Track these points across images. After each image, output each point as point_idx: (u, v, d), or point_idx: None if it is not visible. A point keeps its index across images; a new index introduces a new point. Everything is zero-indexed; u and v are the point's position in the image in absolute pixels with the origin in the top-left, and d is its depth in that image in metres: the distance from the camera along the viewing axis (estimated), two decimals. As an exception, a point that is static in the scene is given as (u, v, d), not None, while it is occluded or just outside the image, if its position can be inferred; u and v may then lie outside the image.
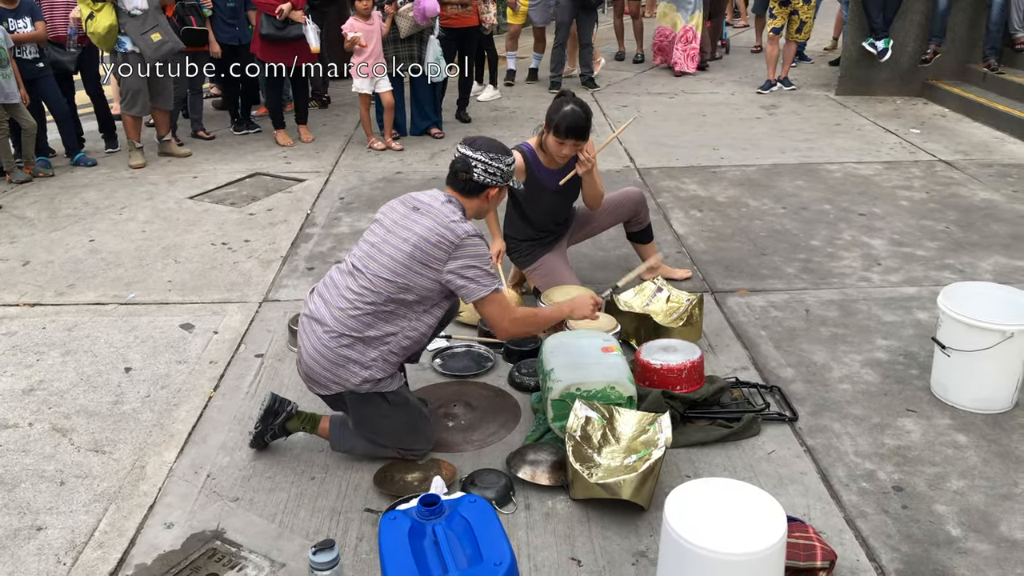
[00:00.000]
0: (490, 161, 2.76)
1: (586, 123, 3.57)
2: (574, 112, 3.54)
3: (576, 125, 3.54)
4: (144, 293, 4.24)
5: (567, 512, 2.63)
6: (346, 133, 7.30)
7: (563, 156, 3.66)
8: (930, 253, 4.57)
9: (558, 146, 3.60)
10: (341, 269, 2.80)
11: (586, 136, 3.61)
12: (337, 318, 2.68)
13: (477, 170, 2.76)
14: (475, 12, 7.11)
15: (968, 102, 7.47)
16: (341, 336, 2.66)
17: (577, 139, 3.58)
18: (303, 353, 2.75)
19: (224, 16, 6.85)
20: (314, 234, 5.02)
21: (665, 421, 2.68)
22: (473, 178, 2.77)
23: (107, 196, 5.73)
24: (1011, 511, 2.62)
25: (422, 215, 2.69)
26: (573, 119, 3.53)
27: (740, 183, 5.78)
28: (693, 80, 9.19)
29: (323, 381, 2.73)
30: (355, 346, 2.67)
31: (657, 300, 3.73)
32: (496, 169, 2.78)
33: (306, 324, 2.78)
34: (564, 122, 3.54)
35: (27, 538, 2.57)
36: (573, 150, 3.62)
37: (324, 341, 2.68)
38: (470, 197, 2.80)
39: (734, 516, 2.05)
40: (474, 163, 2.76)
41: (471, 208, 2.82)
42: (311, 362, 2.72)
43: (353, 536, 2.54)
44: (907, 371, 3.41)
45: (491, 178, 2.78)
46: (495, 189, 2.82)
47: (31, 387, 3.40)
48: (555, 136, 3.58)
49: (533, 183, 3.73)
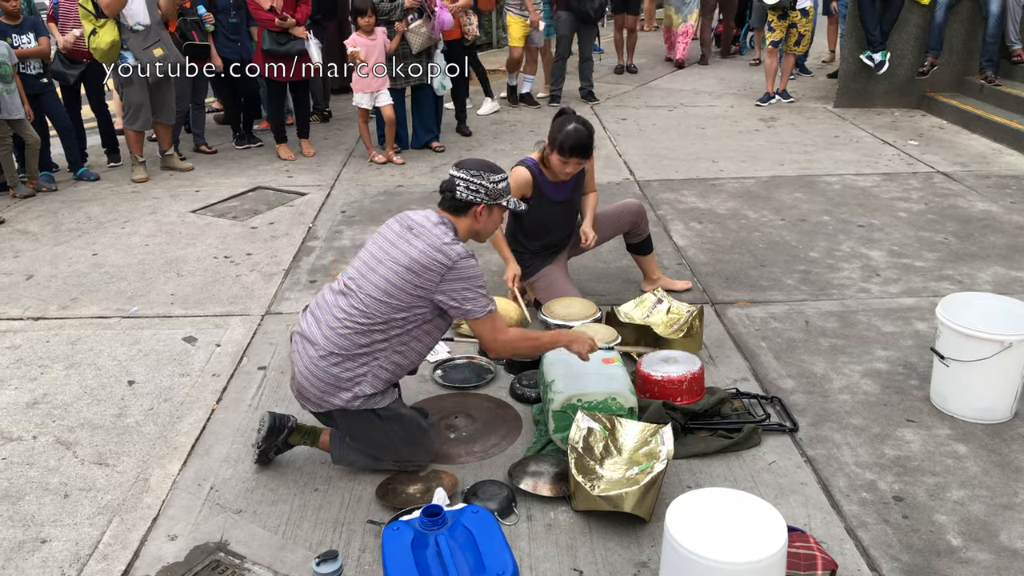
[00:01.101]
0: (471, 179, 2.78)
1: (589, 141, 3.63)
2: (577, 131, 3.60)
3: (580, 144, 3.60)
4: (147, 306, 4.26)
5: (569, 523, 2.64)
6: (347, 147, 7.34)
7: (565, 173, 3.72)
8: (929, 264, 4.60)
9: (561, 164, 3.67)
10: (333, 288, 2.82)
11: (589, 154, 3.68)
12: (328, 337, 2.70)
13: (460, 188, 2.78)
14: (457, 24, 7.14)
15: (966, 114, 7.51)
16: (330, 355, 2.69)
17: (580, 158, 3.64)
18: (295, 371, 2.79)
19: (226, 32, 6.90)
20: (316, 247, 5.05)
21: (667, 433, 2.70)
22: (456, 196, 2.79)
23: (110, 210, 5.76)
24: (1011, 521, 2.63)
25: (415, 236, 2.71)
26: (577, 138, 3.60)
27: (739, 195, 5.81)
28: (692, 93, 9.24)
29: (314, 399, 2.76)
30: (344, 363, 2.69)
31: (657, 312, 3.75)
32: (478, 186, 2.79)
33: (298, 342, 2.81)
34: (568, 141, 3.59)
35: (32, 550, 2.59)
36: (576, 168, 3.69)
37: (315, 360, 2.71)
38: (458, 216, 2.82)
39: (735, 526, 2.06)
40: (457, 182, 2.79)
41: (462, 228, 2.83)
42: (303, 380, 2.75)
43: (356, 547, 2.55)
44: (907, 381, 3.43)
45: (474, 195, 2.79)
46: (481, 207, 2.82)
47: (35, 400, 3.42)
48: (559, 155, 3.64)
49: (539, 197, 3.78)
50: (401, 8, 6.47)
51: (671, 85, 9.75)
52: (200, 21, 6.71)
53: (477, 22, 7.42)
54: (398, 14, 6.48)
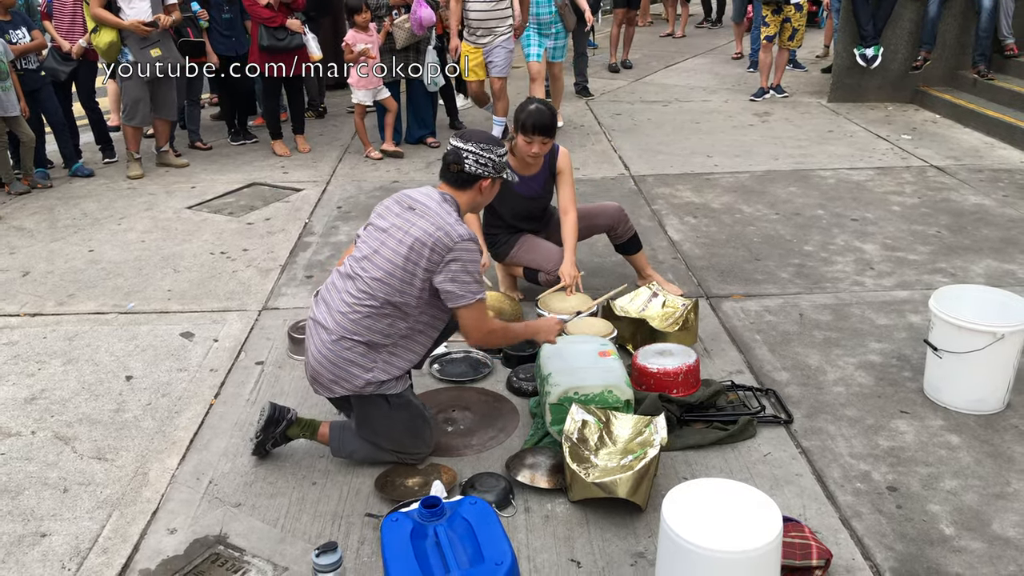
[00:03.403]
0: (481, 152, 2.79)
1: (551, 120, 3.74)
2: (539, 110, 3.71)
3: (541, 122, 3.70)
4: (144, 302, 4.27)
5: (566, 514, 2.66)
6: (343, 143, 7.34)
7: (532, 155, 3.78)
8: (922, 257, 4.63)
9: (527, 145, 3.74)
10: (341, 272, 2.83)
11: (552, 133, 3.75)
12: (339, 322, 2.71)
13: (468, 161, 2.78)
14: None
15: (959, 108, 7.54)
16: (342, 339, 2.70)
17: (544, 135, 3.72)
18: (309, 356, 2.80)
19: (220, 28, 6.90)
20: (312, 243, 5.06)
21: (660, 422, 2.72)
22: (465, 169, 2.79)
23: (106, 207, 5.76)
24: (1003, 510, 2.66)
25: (418, 216, 2.71)
26: (538, 116, 3.70)
27: (734, 190, 5.83)
28: (686, 88, 9.26)
29: (327, 383, 2.76)
30: (357, 348, 2.70)
31: (653, 305, 3.77)
32: (488, 160, 2.80)
33: (312, 328, 2.82)
34: (530, 120, 3.69)
35: (32, 544, 2.60)
36: (541, 148, 3.76)
37: (328, 344, 2.72)
38: (463, 189, 2.82)
39: (731, 515, 2.08)
40: (465, 154, 2.78)
41: (464, 201, 2.84)
42: (316, 365, 2.76)
43: (355, 540, 2.57)
44: (900, 373, 3.46)
45: (483, 168, 2.80)
46: (487, 180, 2.84)
47: (33, 396, 3.43)
48: (523, 135, 3.73)
49: (507, 191, 3.79)
50: (387, 5, 6.51)
51: (666, 80, 9.77)
52: (194, 18, 6.71)
53: None
54: (385, 10, 6.52)
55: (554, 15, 6.93)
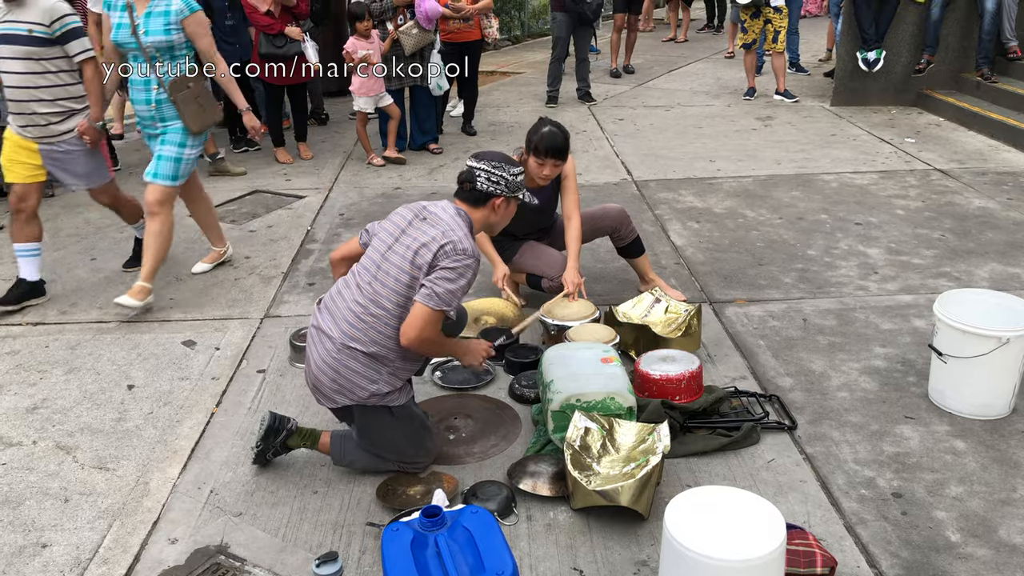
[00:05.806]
0: (492, 170, 2.83)
1: (564, 143, 3.72)
2: (552, 133, 3.70)
3: (554, 145, 3.69)
4: (146, 311, 4.26)
5: (568, 523, 2.64)
6: (345, 150, 7.35)
7: (543, 177, 3.77)
8: (926, 261, 4.60)
9: (538, 167, 3.73)
10: (347, 281, 2.82)
11: (565, 156, 3.75)
12: (344, 331, 2.70)
13: (480, 179, 2.82)
14: (477, 26, 7.20)
15: (962, 111, 7.52)
16: (346, 348, 2.69)
17: (556, 159, 3.71)
18: (311, 364, 2.77)
19: (223, 34, 6.90)
20: (315, 250, 5.05)
21: (664, 430, 2.70)
22: (476, 187, 2.82)
23: (108, 215, 5.74)
24: (1010, 516, 2.63)
25: (429, 225, 2.72)
26: (551, 140, 3.69)
27: (737, 194, 5.82)
28: (689, 93, 9.25)
29: (329, 393, 2.75)
30: (361, 359, 2.69)
31: (655, 311, 3.75)
32: (499, 178, 2.83)
33: (314, 336, 2.80)
34: (543, 143, 3.68)
35: (32, 555, 2.59)
36: (553, 171, 3.75)
37: (332, 353, 2.70)
38: (476, 207, 2.85)
39: (734, 523, 2.06)
40: (478, 172, 2.83)
41: (478, 219, 2.86)
42: (319, 374, 2.74)
43: (356, 549, 2.56)
44: (905, 378, 3.43)
45: (494, 187, 2.83)
46: (500, 199, 2.86)
47: (35, 405, 3.42)
48: (535, 157, 3.71)
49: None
50: (391, 8, 6.50)
51: (668, 85, 9.77)
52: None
53: (498, 24, 7.45)
54: (389, 14, 6.51)
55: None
